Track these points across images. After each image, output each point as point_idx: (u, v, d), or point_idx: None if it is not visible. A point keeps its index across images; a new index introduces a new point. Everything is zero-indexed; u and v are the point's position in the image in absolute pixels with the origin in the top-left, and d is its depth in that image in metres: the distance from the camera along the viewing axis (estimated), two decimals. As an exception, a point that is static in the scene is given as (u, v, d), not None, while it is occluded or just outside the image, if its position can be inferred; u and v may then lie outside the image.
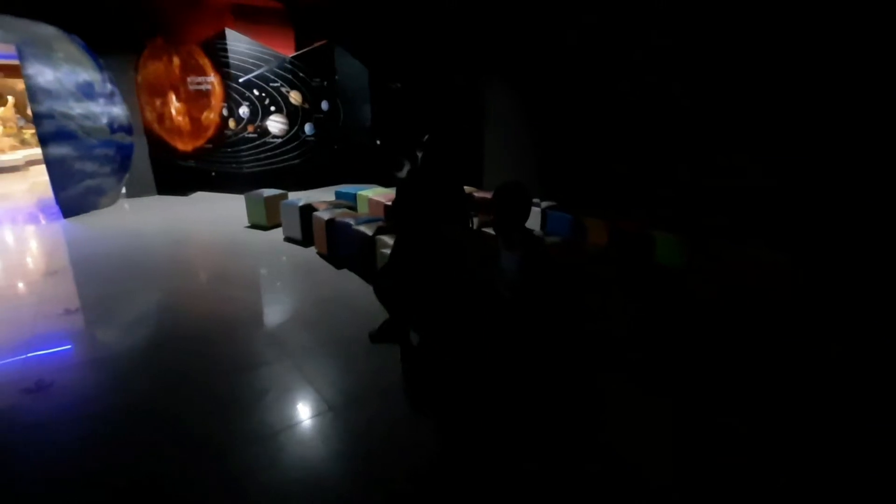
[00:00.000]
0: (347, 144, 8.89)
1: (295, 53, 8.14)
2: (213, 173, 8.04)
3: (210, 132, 7.85)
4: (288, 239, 5.27)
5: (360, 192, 5.70)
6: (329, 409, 2.41)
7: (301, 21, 8.42)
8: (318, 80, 8.39)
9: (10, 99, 11.88)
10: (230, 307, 3.73)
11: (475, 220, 4.56)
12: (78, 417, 2.40)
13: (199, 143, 7.96)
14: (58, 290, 4.16)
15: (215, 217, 6.53)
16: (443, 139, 2.59)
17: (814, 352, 2.43)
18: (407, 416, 2.41)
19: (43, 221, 6.38)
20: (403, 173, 8.82)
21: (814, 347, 2.44)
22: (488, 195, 5.28)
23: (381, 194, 5.53)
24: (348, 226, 4.18)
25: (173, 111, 7.79)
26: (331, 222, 4.42)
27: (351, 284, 4.05)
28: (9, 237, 5.71)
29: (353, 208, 5.34)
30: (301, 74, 8.14)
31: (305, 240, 5.02)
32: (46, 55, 5.90)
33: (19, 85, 11.53)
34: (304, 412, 2.42)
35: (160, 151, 7.91)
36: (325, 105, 8.57)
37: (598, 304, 2.85)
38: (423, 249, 2.55)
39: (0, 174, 10.23)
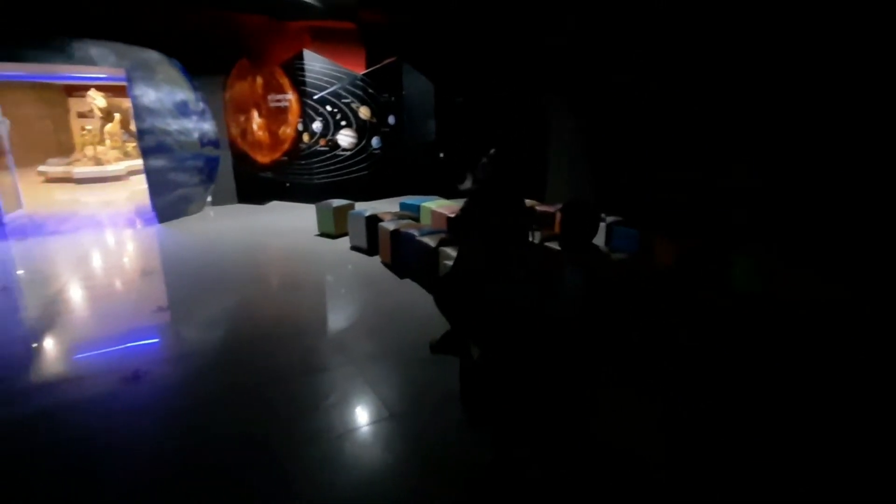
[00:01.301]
0: (413, 157, 9.13)
1: (365, 71, 8.53)
2: (288, 184, 8.56)
3: (286, 146, 8.39)
4: (354, 248, 5.50)
5: (423, 204, 5.83)
6: (389, 416, 2.48)
7: (372, 40, 8.82)
8: (385, 95, 8.72)
9: (117, 116, 13.33)
10: (298, 312, 3.94)
11: (537, 234, 4.52)
12: (163, 408, 2.64)
13: (277, 155, 8.52)
14: (152, 289, 4.60)
15: (288, 225, 6.94)
16: (509, 153, 2.62)
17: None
18: (464, 427, 2.43)
19: (139, 226, 7.08)
20: (466, 186, 8.92)
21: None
22: (550, 209, 5.22)
23: (443, 206, 5.63)
24: (412, 237, 4.29)
25: (255, 126, 8.41)
26: (395, 233, 4.56)
27: (413, 294, 4.15)
28: (111, 240, 6.39)
29: (417, 219, 5.47)
30: (370, 90, 8.51)
31: (371, 249, 5.21)
32: (150, 78, 6.60)
33: (125, 104, 12.92)
34: (365, 417, 2.51)
35: (242, 163, 8.55)
36: (391, 119, 8.88)
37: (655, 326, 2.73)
38: (485, 263, 2.57)
39: (105, 183, 11.48)
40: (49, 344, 3.45)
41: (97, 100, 12.90)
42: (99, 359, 3.19)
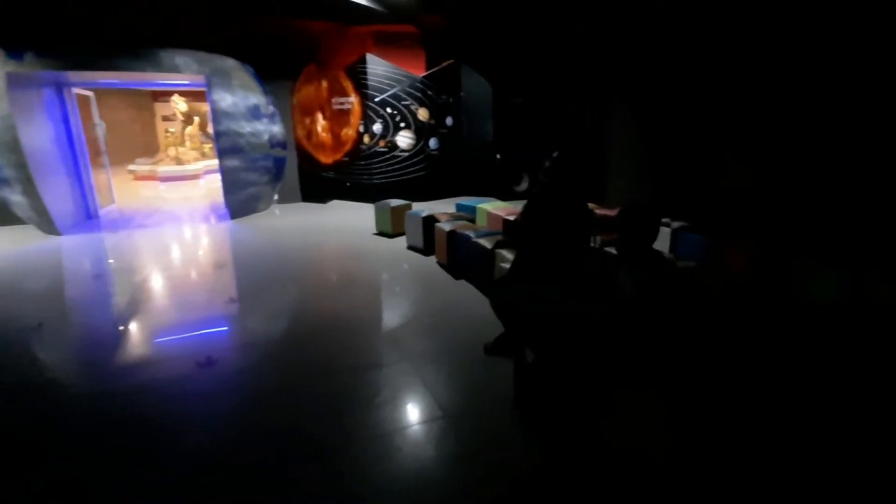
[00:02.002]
0: (469, 158, 9.16)
1: (425, 73, 8.65)
2: (348, 184, 8.86)
3: (347, 147, 8.68)
4: (411, 247, 5.60)
5: (479, 205, 5.83)
6: (442, 415, 2.50)
7: (431, 43, 8.95)
8: (444, 97, 8.81)
9: (196, 119, 14.40)
10: (355, 307, 4.06)
11: (597, 239, 4.39)
12: (229, 394, 2.80)
13: (338, 156, 8.85)
14: (224, 281, 4.91)
15: (347, 223, 7.18)
16: (573, 156, 2.56)
17: None
18: (516, 429, 2.41)
19: (213, 221, 7.59)
20: (522, 187, 8.83)
21: None
22: (611, 212, 5.05)
23: (499, 208, 5.60)
24: (468, 238, 4.30)
25: (319, 128, 8.77)
26: (452, 234, 4.60)
27: (468, 295, 4.16)
28: (189, 234, 6.90)
29: (473, 220, 5.48)
30: (429, 92, 8.62)
31: (427, 249, 5.28)
32: (227, 83, 7.06)
33: (203, 108, 13.93)
34: (418, 415, 2.54)
35: (306, 164, 8.94)
36: (449, 121, 8.95)
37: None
38: (544, 267, 2.53)
39: (185, 181, 12.42)
40: (134, 327, 3.78)
41: (179, 104, 13.98)
42: (177, 343, 3.46)
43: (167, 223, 7.49)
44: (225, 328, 3.77)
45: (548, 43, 7.54)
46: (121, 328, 3.77)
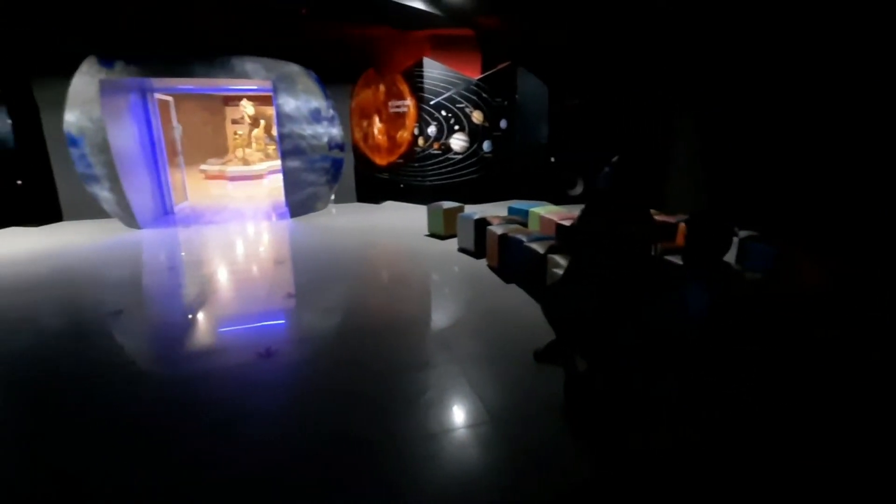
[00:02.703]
0: (523, 161, 9.07)
1: (480, 76, 8.66)
2: (402, 185, 9.02)
3: (402, 149, 8.85)
4: (462, 250, 5.62)
5: (532, 209, 5.76)
6: (489, 420, 2.48)
7: (488, 45, 8.94)
8: (499, 99, 8.78)
9: (262, 122, 15.19)
10: (406, 307, 4.13)
11: (657, 247, 4.21)
12: (286, 386, 2.93)
13: (393, 158, 9.03)
14: (282, 276, 5.15)
15: (400, 224, 7.31)
16: (634, 161, 2.47)
17: None
18: (565, 440, 2.35)
19: (274, 219, 7.97)
20: (577, 191, 8.63)
21: None
22: (671, 219, 4.83)
23: (552, 212, 5.50)
24: (520, 242, 4.26)
25: (375, 131, 9.01)
26: (503, 237, 4.57)
27: (518, 300, 4.12)
28: (253, 231, 7.29)
29: (525, 224, 5.42)
30: (484, 95, 8.62)
31: (478, 252, 5.28)
32: (291, 88, 7.40)
33: (268, 111, 14.66)
34: (465, 418, 2.54)
35: (362, 165, 9.20)
36: (503, 123, 8.91)
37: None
38: (601, 275, 2.46)
39: (250, 180, 13.13)
40: (201, 317, 4.04)
41: (247, 108, 14.80)
42: (239, 333, 3.66)
43: (233, 220, 7.96)
44: (282, 322, 3.95)
45: (611, 43, 7.34)
46: (190, 317, 4.05)
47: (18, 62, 7.27)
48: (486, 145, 8.80)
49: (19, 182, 7.33)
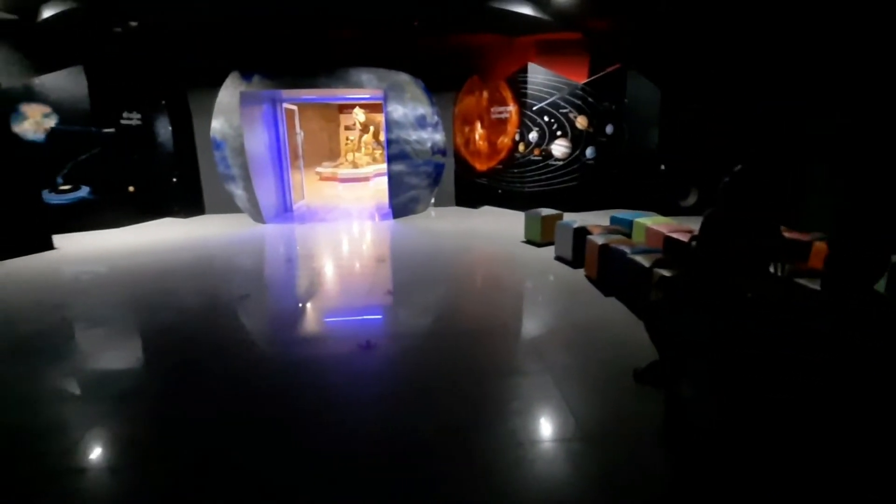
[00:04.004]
0: (628, 169, 8.62)
1: (587, 80, 8.40)
2: (500, 191, 9.05)
3: (502, 155, 8.88)
4: (559, 258, 5.49)
5: (637, 220, 5.45)
6: (581, 437, 2.40)
7: (597, 48, 8.65)
8: (606, 104, 8.43)
9: (372, 128, 16.21)
10: (499, 312, 4.13)
11: (784, 267, 3.76)
12: (382, 378, 3.09)
13: (493, 164, 9.10)
14: (384, 274, 5.44)
15: (496, 229, 7.35)
16: (760, 171, 2.24)
17: None
18: (661, 467, 2.19)
19: (377, 219, 8.45)
20: (689, 202, 7.99)
21: None
22: (804, 237, 4.27)
23: (660, 223, 5.16)
24: (623, 254, 4.06)
25: (477, 137, 9.15)
26: (604, 248, 4.38)
27: (617, 314, 3.93)
28: (359, 230, 7.80)
29: (628, 235, 5.15)
30: (590, 99, 8.34)
31: (576, 261, 5.13)
32: (400, 96, 7.80)
33: (377, 118, 15.59)
34: (555, 431, 2.48)
35: (462, 170, 9.39)
36: (609, 129, 8.54)
37: None
38: (718, 294, 2.27)
39: (358, 182, 14.06)
40: (311, 306, 4.42)
41: (359, 115, 15.87)
42: (343, 324, 3.94)
43: (342, 219, 8.58)
44: (381, 317, 4.18)
45: (737, 41, 6.70)
46: (301, 305, 4.45)
47: (178, 77, 8.55)
48: (589, 151, 8.50)
49: (174, 180, 8.61)
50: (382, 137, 15.30)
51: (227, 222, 8.30)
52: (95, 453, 2.35)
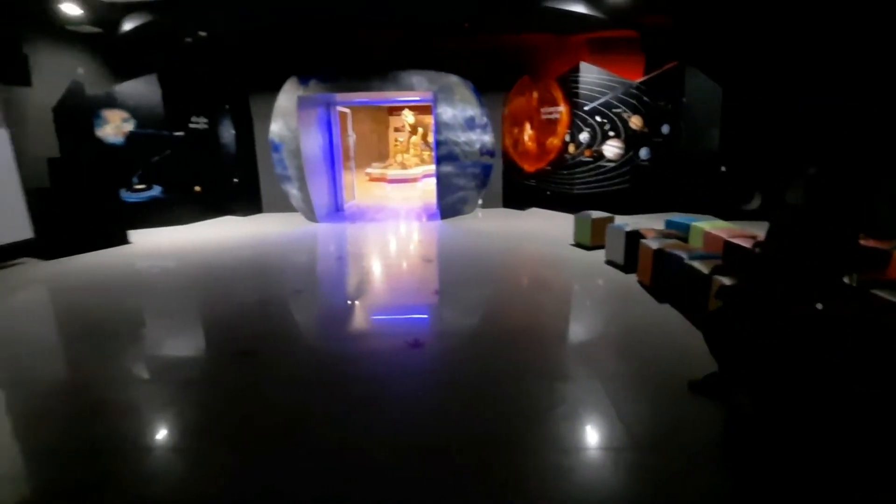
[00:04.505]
0: (685, 170, 8.26)
1: (642, 78, 8.12)
2: (548, 192, 8.92)
3: (551, 156, 8.75)
4: (609, 262, 5.35)
5: (694, 224, 5.20)
6: (631, 446, 2.33)
7: (653, 45, 8.34)
8: (662, 103, 8.13)
9: (420, 130, 16.42)
10: (546, 315, 4.07)
11: (859, 277, 3.49)
12: (426, 376, 3.13)
13: (541, 165, 8.98)
14: (431, 273, 5.50)
15: (544, 231, 7.25)
16: (835, 173, 2.10)
17: None
18: (718, 485, 2.09)
19: (424, 220, 8.55)
20: (752, 206, 7.55)
21: None
22: (884, 245, 3.94)
23: (720, 228, 4.90)
24: (679, 259, 3.90)
25: (526, 137, 9.06)
26: (659, 252, 4.23)
27: (672, 322, 3.78)
28: (407, 229, 7.92)
29: (685, 240, 4.93)
30: (645, 98, 8.07)
31: (627, 266, 4.98)
32: (450, 98, 7.86)
33: (426, 119, 15.77)
34: (603, 439, 2.42)
35: (510, 171, 9.34)
36: (665, 129, 8.22)
37: None
38: (784, 305, 2.14)
39: (406, 183, 14.28)
40: (359, 303, 4.54)
41: (408, 117, 16.11)
42: (389, 322, 4.03)
43: (390, 219, 8.76)
44: (428, 316, 4.23)
45: (808, 35, 6.27)
46: (351, 302, 4.58)
47: (241, 82, 9.03)
48: (643, 152, 8.22)
49: (236, 180, 9.10)
50: (431, 139, 15.47)
51: (283, 221, 8.68)
52: (163, 433, 2.54)
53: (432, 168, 8.59)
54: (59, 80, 7.09)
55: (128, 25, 6.94)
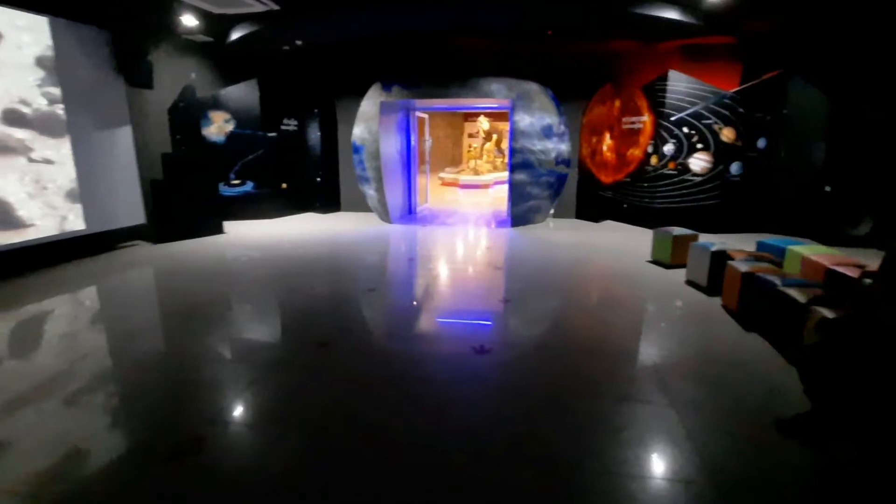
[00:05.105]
0: (782, 188, 7.60)
1: (737, 88, 7.59)
2: (625, 205, 8.58)
3: (631, 167, 8.41)
4: (690, 283, 5.04)
5: (791, 247, 4.78)
6: (708, 482, 2.18)
7: (752, 53, 7.77)
8: (760, 114, 7.54)
9: (494, 137, 16.44)
10: (615, 333, 3.92)
11: None
12: (488, 384, 3.12)
13: (619, 176, 8.66)
14: (499, 281, 5.50)
15: (619, 246, 6.98)
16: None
17: None
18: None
19: (493, 226, 8.54)
20: (861, 231, 6.78)
21: None
22: None
23: (821, 254, 4.46)
24: (772, 285, 3.59)
25: (604, 147, 8.78)
26: (749, 276, 3.92)
27: (760, 353, 3.49)
28: (476, 235, 7.97)
29: (779, 265, 4.53)
30: (740, 110, 7.53)
31: (710, 288, 4.67)
32: (528, 106, 7.82)
33: (500, 126, 15.78)
34: (675, 470, 2.28)
35: (586, 181, 9.09)
36: (761, 143, 7.62)
37: None
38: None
39: (477, 189, 14.36)
40: (428, 306, 4.63)
41: (483, 124, 16.20)
42: (458, 326, 4.07)
43: (461, 223, 8.85)
44: (493, 323, 4.22)
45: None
46: (420, 304, 4.69)
47: (329, 87, 9.58)
48: (734, 167, 7.67)
49: (318, 179, 9.66)
50: (504, 146, 15.44)
51: (359, 220, 9.07)
52: (248, 411, 2.75)
53: (504, 175, 8.59)
54: (174, 83, 7.95)
55: (235, 35, 7.61)
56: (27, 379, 3.09)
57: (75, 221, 6.14)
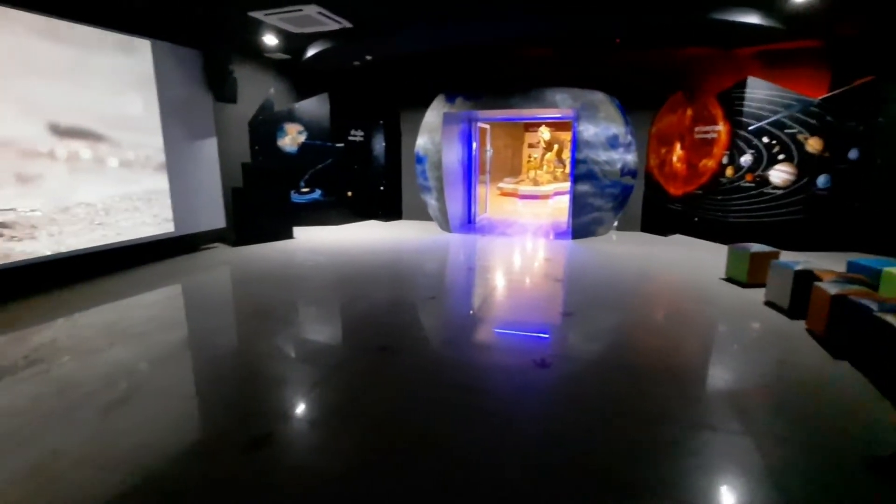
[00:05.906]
0: (878, 203, 6.93)
1: (825, 95, 7.03)
2: (696, 219, 8.16)
3: (703, 179, 8.00)
4: (769, 304, 4.71)
5: (887, 269, 4.34)
6: (793, 519, 2.03)
7: (842, 57, 7.19)
8: (851, 123, 6.94)
9: (556, 147, 16.22)
10: (683, 354, 3.74)
11: None
12: (545, 399, 3.08)
13: (690, 188, 8.26)
14: (558, 294, 5.41)
15: (689, 262, 6.64)
16: None
17: None
18: None
19: (552, 237, 8.41)
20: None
21: None
22: None
23: (926, 277, 4.02)
24: (867, 310, 3.29)
25: (674, 158, 8.41)
26: (839, 299, 3.61)
27: (851, 383, 3.20)
28: (536, 246, 7.89)
29: (874, 287, 4.14)
30: (828, 118, 6.97)
31: (793, 310, 4.34)
32: (593, 115, 7.67)
33: (561, 136, 15.55)
34: (740, 499, 2.14)
35: (653, 193, 8.74)
36: (853, 154, 7.00)
37: None
38: None
39: (537, 199, 14.20)
40: (486, 316, 4.64)
41: (544, 134, 16.06)
42: (519, 338, 4.06)
43: (520, 234, 8.80)
44: (557, 337, 4.16)
45: None
46: (478, 314, 4.71)
47: (394, 100, 9.91)
48: (821, 180, 7.09)
49: (382, 188, 9.98)
50: (565, 156, 15.19)
51: (420, 228, 9.26)
52: (312, 409, 2.90)
53: (564, 186, 8.47)
54: (255, 98, 8.56)
55: (311, 52, 8.08)
56: (136, 361, 3.44)
57: (166, 225, 6.75)
